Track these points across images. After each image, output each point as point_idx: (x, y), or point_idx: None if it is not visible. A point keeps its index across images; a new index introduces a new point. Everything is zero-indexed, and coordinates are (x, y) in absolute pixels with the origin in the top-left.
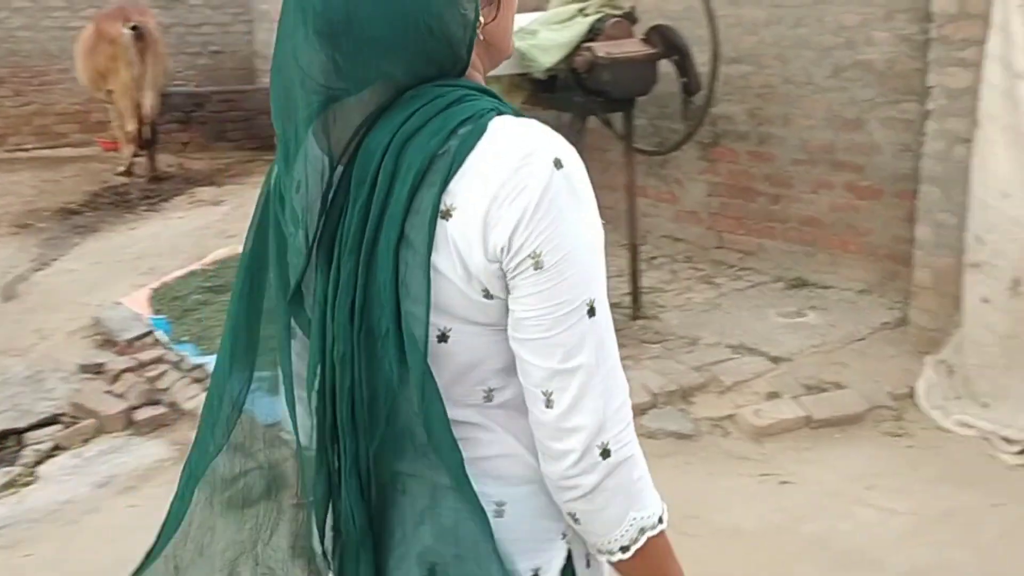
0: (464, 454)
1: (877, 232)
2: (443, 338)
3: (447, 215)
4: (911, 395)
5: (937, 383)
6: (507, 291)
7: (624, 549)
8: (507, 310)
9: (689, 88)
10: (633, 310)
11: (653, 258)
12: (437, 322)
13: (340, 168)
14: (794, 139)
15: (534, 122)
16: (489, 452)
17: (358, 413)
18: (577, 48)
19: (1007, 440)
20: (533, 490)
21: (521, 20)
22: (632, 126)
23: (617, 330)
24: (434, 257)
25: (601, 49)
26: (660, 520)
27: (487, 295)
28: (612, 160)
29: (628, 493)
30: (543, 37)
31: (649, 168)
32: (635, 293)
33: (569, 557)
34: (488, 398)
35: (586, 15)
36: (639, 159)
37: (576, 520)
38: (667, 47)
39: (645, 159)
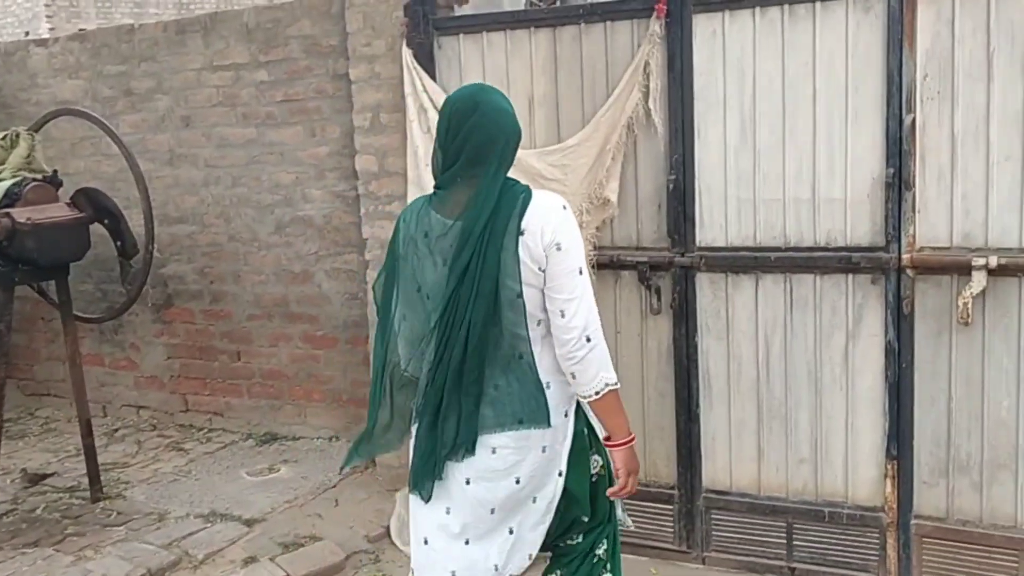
0: (526, 360)
1: (338, 379)
2: (519, 295)
3: (523, 233)
4: (387, 534)
5: (407, 519)
6: (546, 265)
7: (597, 393)
8: (544, 276)
9: (125, 251)
10: (92, 492)
11: (116, 430)
12: (516, 287)
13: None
14: (247, 295)
15: (549, 191)
16: (538, 357)
17: (470, 336)
18: None
19: None
20: (560, 376)
21: None
22: (69, 293)
23: (75, 517)
24: (519, 252)
25: (21, 215)
26: (616, 382)
27: (540, 269)
28: (59, 329)
29: (599, 362)
30: None
31: (102, 335)
32: (93, 473)
33: (578, 405)
34: (537, 324)
35: (0, 180)
36: (88, 327)
37: (574, 377)
38: (96, 210)
39: (96, 326)
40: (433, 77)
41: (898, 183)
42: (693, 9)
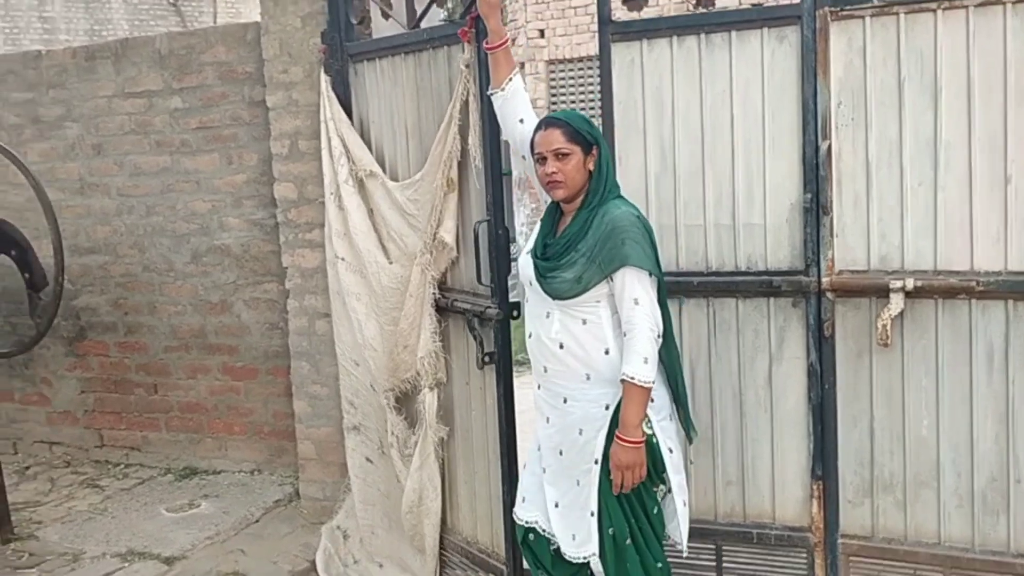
0: None
1: (259, 411)
2: None
3: None
4: (313, 569)
5: (334, 552)
6: None
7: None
8: None
9: (34, 283)
10: (2, 533)
11: (27, 468)
12: None
13: None
14: (164, 326)
15: None
16: None
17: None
18: None
19: None
20: None
21: None
22: None
23: None
24: None
25: None
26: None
27: None
28: None
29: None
30: None
31: (12, 370)
32: (3, 513)
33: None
34: None
35: None
36: None
37: None
38: (2, 241)
39: (5, 360)
40: (350, 103)
41: (816, 208)
42: (611, 38)
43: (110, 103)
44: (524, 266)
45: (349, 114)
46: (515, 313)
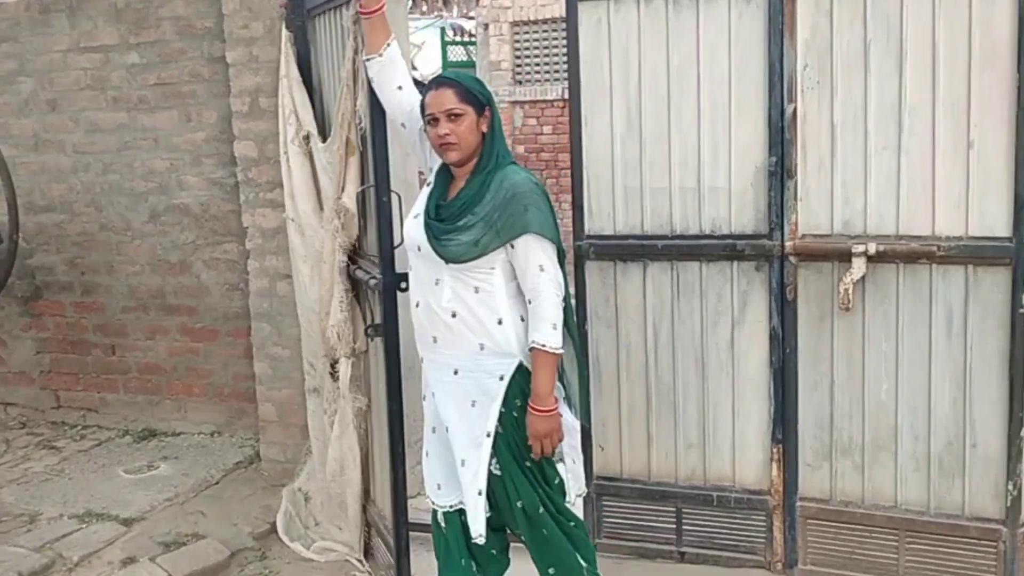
0: None
1: (219, 372)
2: None
3: None
4: (274, 531)
5: (295, 514)
6: None
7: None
8: None
9: None
10: None
11: None
12: None
13: None
14: (121, 286)
15: None
16: None
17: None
18: None
19: (360, 561)
20: None
21: None
22: None
23: None
24: None
25: None
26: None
27: None
28: None
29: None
30: None
31: None
32: None
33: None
34: None
35: None
36: None
37: None
38: None
39: None
40: (309, 61)
41: (780, 172)
42: None
43: (65, 58)
44: (412, 230)
45: (308, 72)
46: (403, 284)
